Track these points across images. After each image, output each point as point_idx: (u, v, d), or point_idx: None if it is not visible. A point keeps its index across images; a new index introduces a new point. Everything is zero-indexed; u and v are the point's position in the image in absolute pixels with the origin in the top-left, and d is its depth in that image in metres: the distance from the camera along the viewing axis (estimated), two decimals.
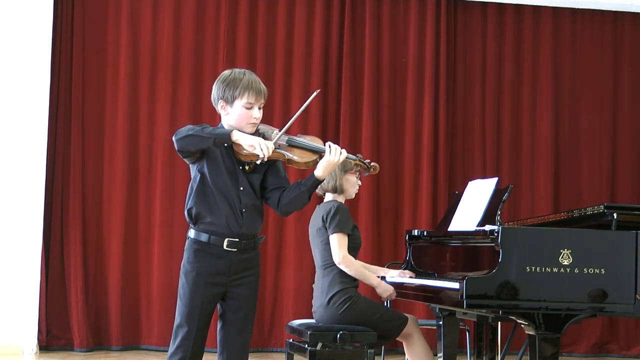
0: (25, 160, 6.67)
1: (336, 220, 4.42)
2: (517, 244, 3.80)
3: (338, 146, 3.47)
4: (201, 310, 3.41)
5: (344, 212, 4.48)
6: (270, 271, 6.98)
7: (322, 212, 4.51)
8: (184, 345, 3.41)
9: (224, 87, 3.45)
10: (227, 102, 3.45)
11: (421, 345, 4.51)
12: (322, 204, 4.62)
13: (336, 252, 4.41)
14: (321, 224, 4.49)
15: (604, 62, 7.56)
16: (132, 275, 6.89)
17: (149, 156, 6.98)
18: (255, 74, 3.52)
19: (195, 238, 3.44)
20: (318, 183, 3.47)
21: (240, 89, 3.42)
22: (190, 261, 3.44)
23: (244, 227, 3.43)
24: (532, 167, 7.42)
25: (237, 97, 3.43)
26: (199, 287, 3.40)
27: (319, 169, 3.46)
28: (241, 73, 3.48)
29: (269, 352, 6.96)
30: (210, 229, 3.42)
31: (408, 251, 4.91)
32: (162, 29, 7.03)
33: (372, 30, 7.23)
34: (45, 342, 6.69)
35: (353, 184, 4.61)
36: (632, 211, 4.08)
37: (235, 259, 3.43)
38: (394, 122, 7.27)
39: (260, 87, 3.46)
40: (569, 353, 7.24)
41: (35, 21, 6.70)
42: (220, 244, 3.41)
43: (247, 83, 3.43)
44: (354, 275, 4.44)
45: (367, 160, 3.72)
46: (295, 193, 3.47)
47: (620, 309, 3.88)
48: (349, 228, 4.46)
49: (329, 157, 3.43)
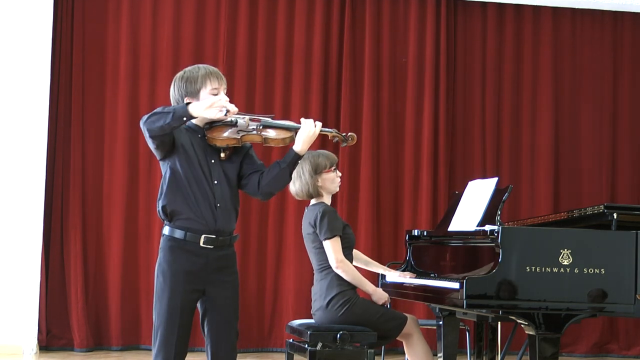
0: (25, 160, 6.67)
1: (325, 225, 4.36)
2: (517, 244, 3.81)
3: (312, 119, 3.46)
4: (181, 310, 3.36)
5: (331, 215, 4.41)
6: (270, 271, 6.97)
7: (310, 218, 4.46)
8: (166, 346, 3.38)
9: (185, 84, 3.45)
10: (192, 96, 3.43)
11: (421, 345, 4.51)
12: (309, 207, 4.55)
13: (332, 257, 4.38)
14: (311, 230, 4.45)
15: (604, 62, 7.56)
16: (132, 275, 6.89)
17: (149, 156, 6.96)
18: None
19: (169, 235, 3.39)
20: (298, 158, 3.43)
21: (201, 79, 3.42)
22: (166, 259, 3.39)
23: (219, 223, 3.37)
24: (532, 167, 7.42)
25: (202, 87, 3.42)
26: (177, 285, 3.36)
27: (297, 143, 3.42)
28: (195, 67, 3.49)
29: (269, 352, 6.96)
30: (186, 226, 3.36)
31: (408, 251, 4.91)
32: (162, 28, 7.03)
33: (372, 30, 7.23)
34: (45, 342, 6.70)
35: (332, 180, 4.50)
36: (632, 211, 4.08)
37: (212, 256, 3.38)
38: (394, 121, 7.27)
39: (218, 72, 3.47)
40: (569, 353, 7.25)
41: (35, 21, 6.70)
42: (197, 240, 3.35)
43: (204, 72, 3.44)
44: (350, 281, 4.42)
45: (344, 133, 3.64)
46: (275, 171, 3.43)
47: (620, 309, 3.88)
48: (339, 229, 4.41)
49: (305, 128, 3.41)
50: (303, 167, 4.42)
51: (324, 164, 4.47)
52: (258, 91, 7.05)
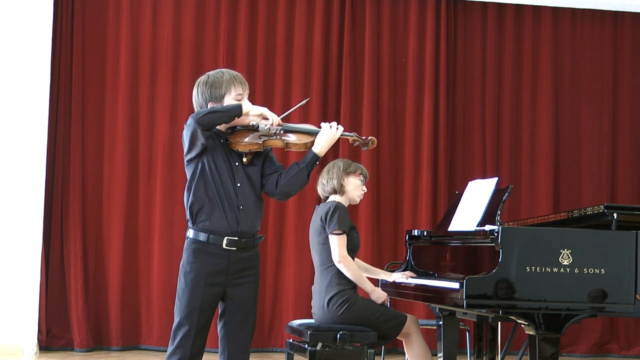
0: (26, 160, 6.67)
1: (335, 220, 4.42)
2: (517, 243, 3.80)
3: (335, 122, 3.53)
4: (201, 311, 3.41)
5: (342, 212, 4.47)
6: (270, 271, 6.98)
7: (321, 212, 4.51)
8: (183, 345, 3.41)
9: (209, 88, 3.47)
10: (217, 101, 3.46)
11: (420, 345, 4.51)
12: (322, 203, 4.61)
13: (335, 251, 4.41)
14: (319, 224, 4.49)
15: (604, 62, 7.56)
16: (132, 275, 6.89)
17: (149, 156, 6.98)
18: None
19: (194, 238, 3.45)
20: (317, 159, 3.51)
21: (225, 85, 3.46)
22: (189, 261, 3.44)
23: (241, 225, 3.43)
24: (532, 167, 7.42)
25: (226, 93, 3.46)
26: (198, 287, 3.41)
27: (316, 144, 3.50)
28: (219, 72, 3.53)
29: (269, 352, 6.96)
30: (209, 228, 3.42)
31: (408, 251, 4.91)
32: (162, 28, 7.03)
33: (372, 30, 7.23)
34: (45, 342, 6.70)
35: (356, 187, 4.60)
36: (632, 211, 4.08)
37: (234, 257, 3.43)
38: (394, 121, 7.27)
39: (242, 77, 3.53)
40: (569, 353, 7.25)
41: (35, 21, 6.70)
42: (220, 242, 3.41)
43: (229, 77, 3.48)
44: (350, 278, 4.43)
45: (363, 137, 3.74)
46: (294, 172, 3.50)
47: (620, 309, 3.88)
48: (346, 227, 4.45)
49: (326, 132, 3.50)
50: (336, 163, 4.62)
51: (355, 168, 4.62)
52: (258, 91, 7.04)
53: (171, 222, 6.88)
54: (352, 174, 4.57)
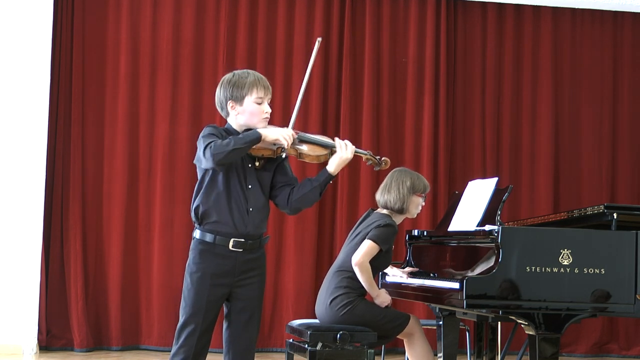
0: (26, 160, 6.67)
1: (381, 233, 4.41)
2: (517, 244, 3.80)
3: (347, 141, 3.54)
4: (206, 311, 3.42)
5: (391, 232, 4.47)
6: (270, 271, 6.96)
7: (377, 218, 4.51)
8: (187, 344, 3.42)
9: (232, 87, 3.48)
10: (236, 102, 3.48)
11: (422, 344, 4.50)
12: (377, 211, 4.61)
13: (359, 253, 4.39)
14: (364, 228, 4.50)
15: (604, 62, 7.56)
16: (132, 275, 6.89)
17: (149, 156, 6.98)
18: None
19: (200, 239, 3.45)
20: (330, 179, 3.52)
21: (248, 86, 3.47)
22: (195, 262, 3.45)
23: (250, 227, 3.44)
24: (532, 167, 7.42)
25: (247, 94, 3.47)
26: (204, 287, 3.41)
27: (331, 165, 3.52)
28: (245, 72, 3.53)
29: (269, 352, 6.96)
30: (216, 229, 3.42)
31: (408, 251, 4.91)
32: (162, 28, 7.03)
33: (372, 30, 7.23)
34: (45, 342, 6.70)
35: (417, 205, 4.61)
36: (632, 211, 4.08)
37: (240, 259, 3.44)
38: (394, 121, 7.27)
39: (266, 81, 3.53)
40: (569, 353, 7.25)
41: (35, 21, 6.70)
42: (226, 244, 3.41)
43: (253, 79, 3.48)
44: (362, 281, 4.42)
45: (377, 156, 3.76)
46: (307, 189, 3.50)
47: (620, 309, 3.88)
48: (384, 244, 4.43)
49: (341, 153, 3.50)
50: (404, 181, 4.56)
51: (421, 188, 4.60)
52: None
53: (171, 222, 6.88)
54: (416, 194, 4.57)
